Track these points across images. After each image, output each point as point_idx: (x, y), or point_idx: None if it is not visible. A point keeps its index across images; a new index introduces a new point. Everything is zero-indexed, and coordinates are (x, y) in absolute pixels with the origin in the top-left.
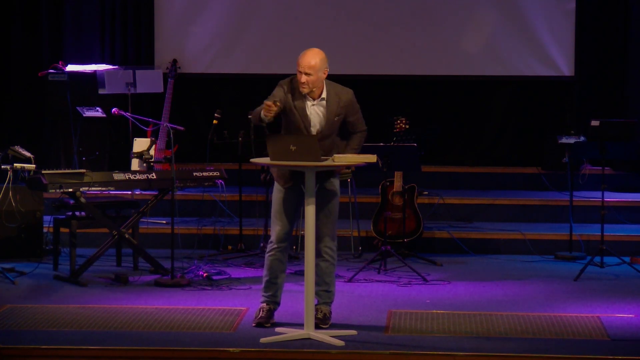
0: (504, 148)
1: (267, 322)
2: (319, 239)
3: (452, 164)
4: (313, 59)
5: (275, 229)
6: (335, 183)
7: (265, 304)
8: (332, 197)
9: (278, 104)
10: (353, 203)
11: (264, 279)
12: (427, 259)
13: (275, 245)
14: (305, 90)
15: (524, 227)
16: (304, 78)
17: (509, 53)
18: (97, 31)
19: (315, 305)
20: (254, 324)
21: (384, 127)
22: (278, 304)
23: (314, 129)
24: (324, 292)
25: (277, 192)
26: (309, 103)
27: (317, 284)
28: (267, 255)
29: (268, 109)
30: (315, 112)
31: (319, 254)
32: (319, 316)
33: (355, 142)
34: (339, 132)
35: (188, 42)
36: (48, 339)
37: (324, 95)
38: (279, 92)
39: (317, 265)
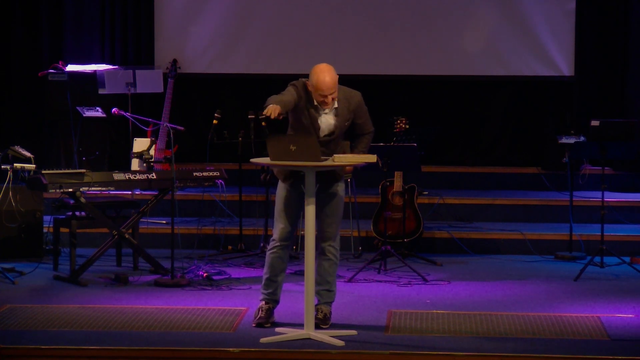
0: (503, 148)
1: (266, 322)
2: (323, 238)
3: (452, 164)
4: (331, 78)
5: (279, 227)
6: (341, 185)
7: (264, 302)
8: (337, 197)
9: (280, 117)
10: (353, 203)
11: (264, 277)
12: (427, 259)
13: (278, 243)
14: (329, 107)
15: (524, 227)
16: (329, 99)
17: (509, 53)
18: (97, 31)
19: (316, 305)
20: (254, 324)
21: (384, 127)
22: (277, 302)
23: (322, 135)
24: (325, 292)
25: (280, 191)
26: (321, 112)
27: (318, 283)
28: (268, 252)
29: (273, 111)
30: (326, 120)
31: (322, 253)
32: (319, 316)
33: (363, 144)
34: (346, 135)
35: (188, 42)
36: (48, 339)
37: (336, 104)
38: (293, 93)
39: (319, 265)
